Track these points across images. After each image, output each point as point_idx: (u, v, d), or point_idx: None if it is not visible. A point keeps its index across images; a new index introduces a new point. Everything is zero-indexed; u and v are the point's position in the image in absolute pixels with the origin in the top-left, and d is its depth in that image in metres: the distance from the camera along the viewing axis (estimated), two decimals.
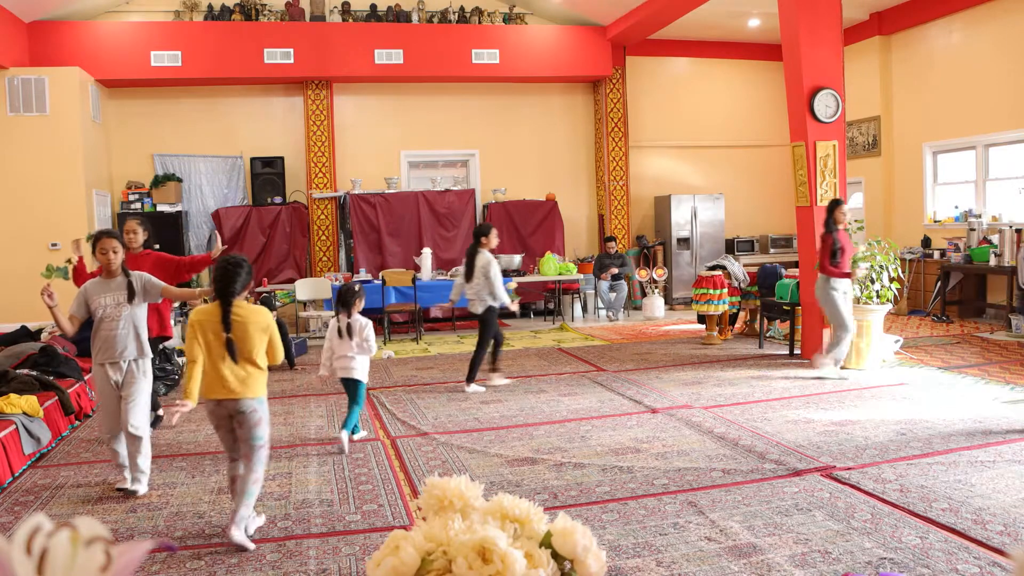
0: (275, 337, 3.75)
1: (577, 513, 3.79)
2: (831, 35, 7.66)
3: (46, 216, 9.24)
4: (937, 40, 10.63)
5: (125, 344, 4.27)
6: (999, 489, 3.99)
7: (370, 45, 10.85)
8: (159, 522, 3.96)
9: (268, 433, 3.83)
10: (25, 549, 0.73)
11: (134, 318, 4.32)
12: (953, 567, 3.15)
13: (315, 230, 11.21)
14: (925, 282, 10.54)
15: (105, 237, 4.39)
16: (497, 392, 6.70)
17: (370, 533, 3.73)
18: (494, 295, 6.79)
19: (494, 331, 6.93)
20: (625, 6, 10.83)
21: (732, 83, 12.87)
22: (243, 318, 3.65)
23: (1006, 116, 9.59)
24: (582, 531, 1.50)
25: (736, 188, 12.78)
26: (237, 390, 3.64)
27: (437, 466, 4.73)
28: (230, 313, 3.62)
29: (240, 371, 3.65)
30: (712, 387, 6.62)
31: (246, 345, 3.64)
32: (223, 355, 3.62)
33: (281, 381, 7.50)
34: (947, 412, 5.55)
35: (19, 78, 9.23)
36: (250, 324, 3.65)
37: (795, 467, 4.45)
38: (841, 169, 7.70)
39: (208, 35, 10.47)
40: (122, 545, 0.77)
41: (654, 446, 4.98)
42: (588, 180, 12.51)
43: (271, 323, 3.74)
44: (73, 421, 5.90)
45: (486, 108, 11.96)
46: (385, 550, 1.48)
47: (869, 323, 7.10)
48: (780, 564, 3.24)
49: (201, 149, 11.08)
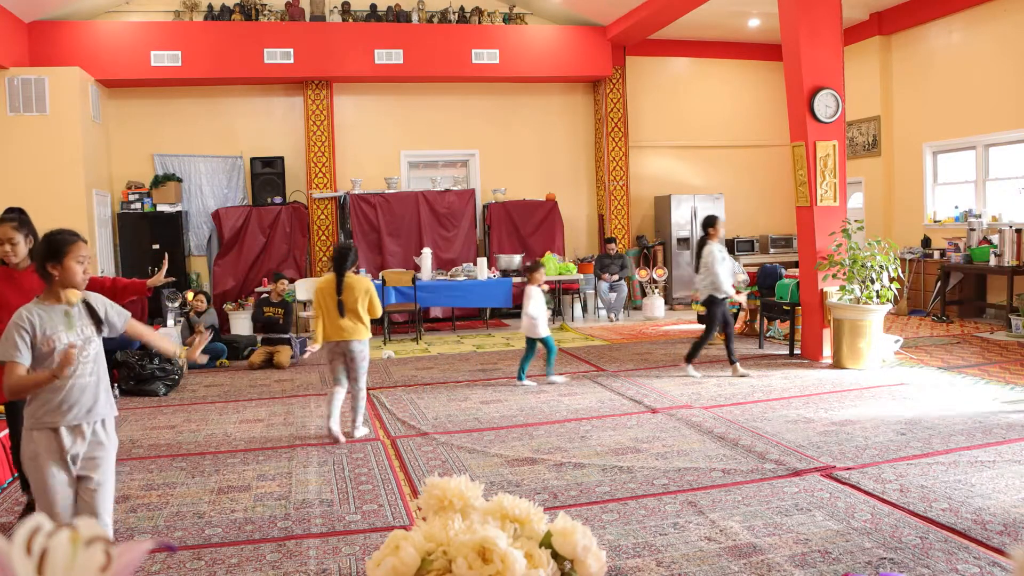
0: (374, 298, 5.30)
1: (577, 513, 3.79)
2: (831, 35, 7.66)
3: (46, 216, 9.14)
4: (937, 40, 10.63)
5: (96, 397, 2.93)
6: (999, 489, 3.99)
7: (370, 45, 10.85)
8: (159, 522, 3.96)
9: (367, 365, 5.42)
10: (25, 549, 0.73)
11: (101, 359, 3.00)
12: (953, 567, 3.15)
13: (315, 230, 11.21)
14: (925, 282, 10.54)
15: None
16: (497, 392, 6.70)
17: (370, 533, 3.73)
18: (716, 286, 6.89)
19: (719, 320, 7.00)
20: (625, 6, 10.82)
21: (732, 83, 12.87)
22: (350, 285, 5.24)
23: (1006, 116, 9.58)
24: (582, 531, 1.50)
25: (736, 188, 12.78)
26: (347, 334, 5.21)
27: (437, 466, 4.73)
28: (342, 282, 5.22)
29: (348, 322, 5.21)
30: (712, 387, 6.62)
31: (352, 304, 5.20)
32: (336, 311, 5.18)
33: (282, 381, 7.50)
34: (947, 412, 5.55)
35: (19, 78, 9.23)
36: (355, 289, 5.24)
37: (795, 467, 4.45)
38: (841, 169, 7.70)
39: (208, 35, 10.47)
40: (122, 545, 0.77)
41: (654, 446, 4.98)
42: (588, 180, 12.51)
43: (370, 287, 5.30)
44: None
45: (486, 108, 11.96)
46: (385, 550, 1.48)
47: (869, 323, 7.10)
48: (780, 564, 3.24)
49: (201, 149, 11.08)
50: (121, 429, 5.83)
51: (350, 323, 5.20)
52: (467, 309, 10.92)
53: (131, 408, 6.53)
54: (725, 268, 6.98)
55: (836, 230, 7.38)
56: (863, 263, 7.09)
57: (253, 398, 6.77)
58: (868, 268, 7.08)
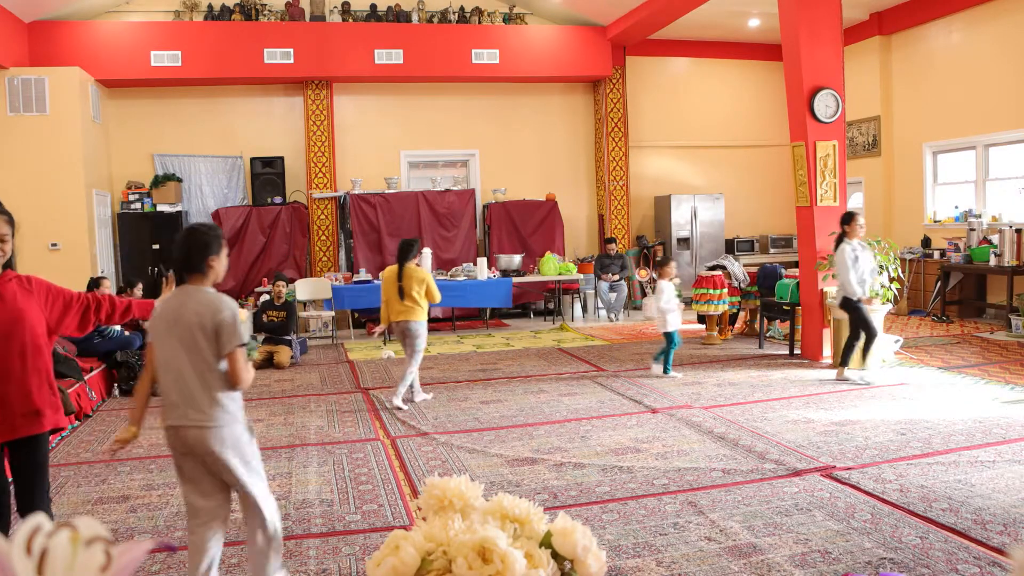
0: (430, 285, 6.15)
1: (577, 513, 3.79)
2: (831, 35, 7.66)
3: (46, 216, 9.24)
4: (937, 40, 10.63)
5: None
6: (999, 489, 3.99)
7: (370, 45, 10.85)
8: (159, 522, 3.96)
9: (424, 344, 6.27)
10: (25, 549, 0.73)
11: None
12: (953, 567, 3.15)
13: (315, 230, 11.20)
14: (925, 282, 10.54)
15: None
16: (497, 392, 6.70)
17: (370, 533, 3.73)
18: (844, 289, 6.62)
19: (863, 322, 6.55)
20: (625, 6, 10.82)
21: (732, 83, 12.87)
22: (409, 275, 6.12)
23: (1006, 116, 9.58)
24: (582, 531, 1.50)
25: (736, 188, 12.78)
26: (405, 315, 6.13)
27: (437, 466, 4.73)
28: (403, 270, 6.13)
29: (407, 304, 6.10)
30: (712, 387, 6.62)
31: (410, 289, 6.08)
32: (397, 296, 6.10)
33: (282, 381, 7.50)
34: (947, 412, 5.55)
35: (19, 78, 9.23)
36: (412, 279, 6.11)
37: (795, 467, 4.45)
38: (841, 169, 7.70)
39: (208, 35, 10.47)
40: (122, 545, 0.77)
41: (654, 446, 4.98)
42: (588, 180, 12.51)
43: (426, 277, 6.16)
44: (73, 421, 5.90)
45: (486, 108, 11.95)
46: (385, 550, 1.48)
47: None
48: (780, 564, 3.24)
49: (201, 149, 11.08)
50: (121, 429, 5.83)
51: (408, 305, 6.10)
52: (467, 309, 10.92)
53: (131, 408, 6.52)
54: (860, 267, 6.54)
55: (836, 230, 7.37)
56: None
57: (253, 398, 6.76)
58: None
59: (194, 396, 2.80)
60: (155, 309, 2.96)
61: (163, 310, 2.89)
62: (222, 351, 2.80)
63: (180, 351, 2.80)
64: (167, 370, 2.84)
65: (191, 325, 2.78)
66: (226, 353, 2.80)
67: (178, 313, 2.83)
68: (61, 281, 3.27)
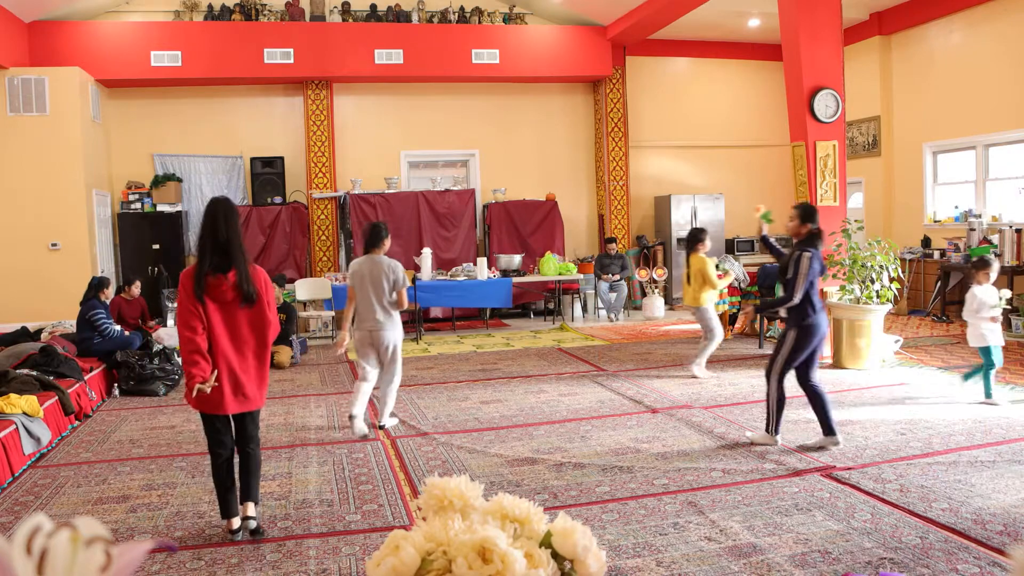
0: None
1: (577, 513, 3.79)
2: (831, 35, 7.66)
3: (46, 216, 9.24)
4: (937, 40, 10.63)
5: None
6: (999, 489, 3.99)
7: (370, 45, 10.85)
8: (159, 522, 3.96)
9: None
10: (25, 549, 0.73)
11: None
12: (953, 567, 3.15)
13: (315, 230, 11.20)
14: (925, 282, 10.54)
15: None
16: (497, 392, 6.70)
17: (370, 533, 3.73)
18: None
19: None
20: (625, 6, 10.82)
21: (732, 83, 12.87)
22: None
23: (1006, 116, 9.58)
24: (582, 531, 1.49)
25: (736, 188, 12.77)
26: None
27: (437, 466, 4.73)
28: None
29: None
30: (712, 387, 6.62)
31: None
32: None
33: (282, 381, 7.50)
34: (947, 412, 5.55)
35: (19, 78, 9.23)
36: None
37: (795, 467, 4.45)
38: (841, 169, 7.70)
39: (208, 35, 10.47)
40: (122, 545, 0.76)
41: (654, 446, 4.98)
42: (588, 180, 12.51)
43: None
44: (73, 421, 5.90)
45: (486, 108, 11.95)
46: (385, 550, 1.48)
47: (869, 323, 7.11)
48: (780, 564, 3.24)
49: (201, 149, 11.08)
50: (121, 429, 5.83)
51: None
52: (467, 309, 10.92)
53: (131, 408, 6.53)
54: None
55: (836, 230, 7.37)
56: (863, 263, 7.09)
57: None
58: (868, 268, 7.08)
59: (379, 312, 5.23)
60: (352, 267, 5.34)
61: (359, 268, 5.28)
62: (396, 287, 5.25)
63: (372, 289, 5.21)
64: (364, 299, 5.24)
65: (381, 274, 5.21)
66: (397, 289, 5.24)
67: (369, 268, 5.23)
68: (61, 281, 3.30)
